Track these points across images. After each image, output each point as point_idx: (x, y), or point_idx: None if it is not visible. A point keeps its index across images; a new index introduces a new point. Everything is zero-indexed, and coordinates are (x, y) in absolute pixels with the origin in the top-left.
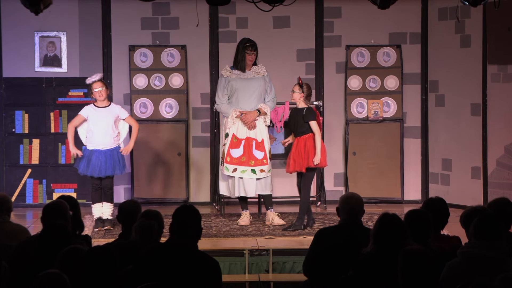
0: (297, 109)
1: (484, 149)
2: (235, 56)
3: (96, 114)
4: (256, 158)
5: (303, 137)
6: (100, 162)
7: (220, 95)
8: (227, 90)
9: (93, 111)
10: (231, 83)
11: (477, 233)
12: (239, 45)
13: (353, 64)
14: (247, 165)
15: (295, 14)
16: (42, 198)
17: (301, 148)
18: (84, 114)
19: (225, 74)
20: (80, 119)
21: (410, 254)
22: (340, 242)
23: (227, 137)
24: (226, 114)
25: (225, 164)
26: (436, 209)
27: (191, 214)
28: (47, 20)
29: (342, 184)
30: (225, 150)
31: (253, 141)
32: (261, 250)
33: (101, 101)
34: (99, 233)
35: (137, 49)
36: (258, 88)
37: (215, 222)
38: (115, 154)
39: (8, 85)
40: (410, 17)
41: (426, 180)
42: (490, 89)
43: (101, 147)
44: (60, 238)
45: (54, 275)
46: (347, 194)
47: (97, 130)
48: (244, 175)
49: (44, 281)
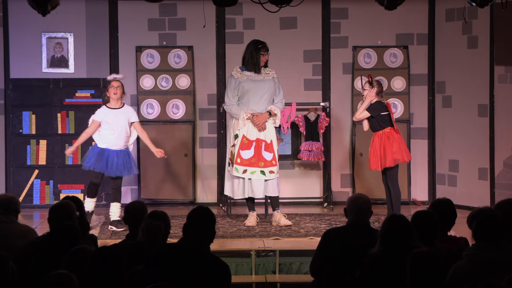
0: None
1: (491, 150)
2: (246, 57)
3: (111, 115)
4: (265, 160)
5: (378, 134)
6: (114, 162)
7: (230, 96)
8: (237, 91)
9: (107, 112)
10: (242, 85)
11: (476, 235)
12: (251, 47)
13: (360, 65)
14: (257, 166)
15: (302, 15)
16: (49, 198)
17: (376, 145)
18: (99, 118)
19: (236, 75)
20: (96, 126)
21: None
22: (348, 243)
23: (236, 138)
24: (237, 115)
25: (235, 165)
26: (443, 210)
27: (206, 217)
28: (54, 21)
29: (349, 185)
30: (235, 151)
31: (262, 142)
32: (268, 251)
33: (114, 100)
34: (106, 233)
35: (144, 50)
36: (269, 90)
37: (222, 223)
38: (126, 156)
39: (15, 86)
40: (417, 18)
41: (433, 181)
42: (497, 90)
43: (114, 148)
44: (69, 238)
45: (63, 275)
46: (355, 195)
47: (113, 131)
48: (253, 176)
49: (53, 281)
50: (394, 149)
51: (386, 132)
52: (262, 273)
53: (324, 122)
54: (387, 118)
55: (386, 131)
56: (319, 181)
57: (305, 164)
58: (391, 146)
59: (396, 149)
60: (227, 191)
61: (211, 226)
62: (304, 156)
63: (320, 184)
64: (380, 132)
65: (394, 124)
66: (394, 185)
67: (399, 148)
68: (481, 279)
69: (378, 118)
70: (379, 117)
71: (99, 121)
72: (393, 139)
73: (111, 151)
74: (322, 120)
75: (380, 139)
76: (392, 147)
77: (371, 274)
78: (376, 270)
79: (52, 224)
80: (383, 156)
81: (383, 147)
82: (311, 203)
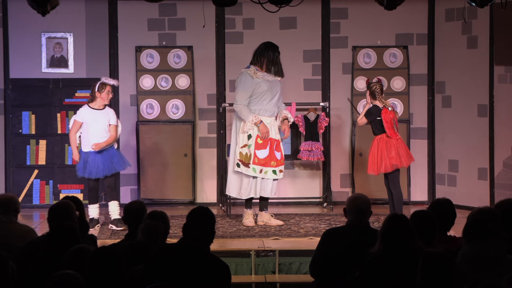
0: None
1: (491, 150)
2: (262, 57)
3: (92, 116)
4: (276, 159)
5: (377, 138)
6: (97, 164)
7: (244, 96)
8: (251, 91)
9: (88, 112)
10: (260, 84)
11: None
12: (268, 48)
13: (360, 65)
14: (269, 166)
15: (302, 15)
16: (49, 198)
17: (374, 149)
18: (80, 118)
19: (254, 75)
20: (77, 126)
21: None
22: (347, 243)
23: (250, 138)
24: (245, 118)
25: (252, 165)
26: (443, 210)
27: (205, 217)
28: (54, 21)
29: (348, 185)
30: (251, 151)
31: (275, 142)
32: (268, 251)
33: (102, 102)
34: (105, 233)
35: (144, 50)
36: (279, 91)
37: (222, 223)
38: (111, 153)
39: (15, 86)
40: (417, 18)
41: (432, 181)
42: (497, 90)
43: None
44: (69, 238)
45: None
46: (355, 195)
47: (92, 132)
48: (267, 176)
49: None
50: (391, 154)
51: (384, 136)
52: (262, 273)
53: (323, 122)
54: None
55: (384, 136)
56: (318, 181)
57: (305, 164)
58: (388, 151)
59: (394, 154)
60: (232, 191)
61: (210, 226)
62: (303, 156)
63: (320, 184)
64: (379, 136)
65: (387, 130)
66: (395, 188)
67: (397, 153)
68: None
69: (376, 122)
70: (376, 122)
71: (81, 122)
72: (390, 144)
73: (93, 154)
74: (321, 120)
75: (378, 144)
76: (390, 153)
77: (371, 274)
78: (376, 270)
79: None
80: (380, 161)
81: (380, 152)
82: (310, 203)
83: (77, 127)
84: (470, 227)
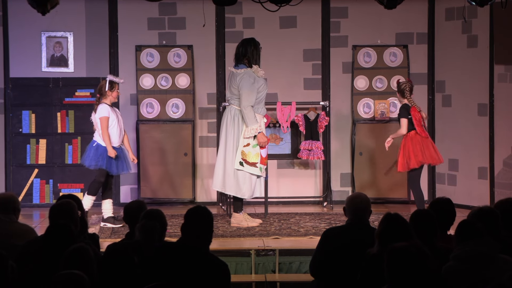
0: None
1: (491, 150)
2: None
3: (114, 113)
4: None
5: (406, 135)
6: (122, 159)
7: (254, 98)
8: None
9: (111, 110)
10: (263, 84)
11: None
12: (256, 45)
13: (360, 64)
14: (265, 165)
15: (302, 14)
16: (49, 198)
17: (401, 147)
18: (108, 114)
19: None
20: (108, 120)
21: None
22: (347, 242)
23: (255, 138)
24: (250, 122)
25: (260, 164)
26: (443, 209)
27: (203, 216)
28: (54, 20)
29: (348, 184)
30: (257, 150)
31: None
32: (268, 250)
33: (112, 100)
34: (106, 232)
35: (144, 49)
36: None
37: (222, 222)
38: (125, 152)
39: (15, 85)
40: (417, 17)
41: (432, 180)
42: (497, 89)
43: (116, 145)
44: (64, 237)
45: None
46: (354, 194)
47: (115, 128)
48: (263, 174)
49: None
50: (417, 151)
51: (410, 134)
52: (262, 272)
53: (323, 121)
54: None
55: (411, 134)
56: (318, 180)
57: (305, 163)
58: (414, 148)
59: (419, 151)
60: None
61: (208, 225)
62: (303, 155)
63: (320, 183)
64: (408, 134)
65: (416, 127)
66: (415, 188)
67: (421, 149)
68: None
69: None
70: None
71: (109, 117)
72: (416, 141)
73: (119, 150)
74: (321, 119)
75: (410, 141)
76: (416, 149)
77: (371, 274)
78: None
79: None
80: (408, 158)
81: (407, 150)
82: (310, 202)
83: (107, 123)
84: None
